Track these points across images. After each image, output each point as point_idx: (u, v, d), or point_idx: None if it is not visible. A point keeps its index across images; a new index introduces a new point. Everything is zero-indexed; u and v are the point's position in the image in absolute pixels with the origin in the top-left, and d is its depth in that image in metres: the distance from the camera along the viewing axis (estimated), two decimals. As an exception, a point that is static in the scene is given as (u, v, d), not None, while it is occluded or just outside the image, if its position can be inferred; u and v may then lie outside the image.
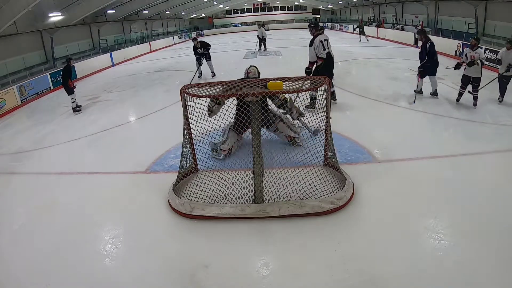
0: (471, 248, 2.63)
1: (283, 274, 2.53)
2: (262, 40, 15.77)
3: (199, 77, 9.93)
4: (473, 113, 5.66)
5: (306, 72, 6.18)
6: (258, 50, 15.90)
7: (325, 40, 5.95)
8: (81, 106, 7.69)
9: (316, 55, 5.97)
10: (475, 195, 3.32)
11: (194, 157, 3.92)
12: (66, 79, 7.39)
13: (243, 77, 4.53)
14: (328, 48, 5.98)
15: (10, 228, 3.38)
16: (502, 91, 6.24)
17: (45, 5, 11.44)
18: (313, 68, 6.13)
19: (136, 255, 2.83)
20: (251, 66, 4.58)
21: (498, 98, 6.28)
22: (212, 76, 10.00)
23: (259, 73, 4.58)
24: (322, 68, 5.98)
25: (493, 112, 5.74)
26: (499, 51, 6.60)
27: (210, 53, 10.13)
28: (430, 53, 6.35)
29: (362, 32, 18.11)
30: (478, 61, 5.84)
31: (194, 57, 9.94)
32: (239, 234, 2.95)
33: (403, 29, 17.89)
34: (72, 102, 7.49)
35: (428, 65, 6.43)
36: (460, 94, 6.24)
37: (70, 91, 7.41)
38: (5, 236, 3.24)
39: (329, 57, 6.00)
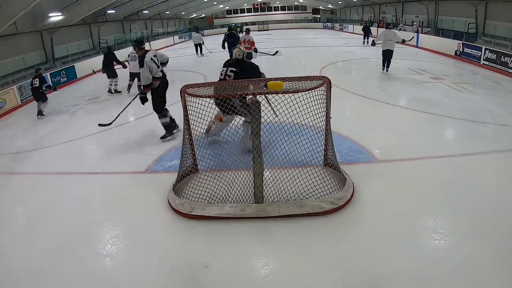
0: (471, 248, 2.63)
1: (283, 274, 2.53)
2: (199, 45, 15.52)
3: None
4: (473, 113, 5.66)
5: (142, 98, 5.02)
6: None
7: (154, 56, 4.91)
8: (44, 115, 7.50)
9: (152, 75, 4.82)
10: (475, 195, 3.32)
11: (194, 157, 3.92)
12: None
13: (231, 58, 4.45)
14: (160, 65, 4.98)
15: (10, 228, 3.38)
16: (388, 63, 9.06)
17: (45, 5, 11.43)
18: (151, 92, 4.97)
19: (136, 255, 2.83)
20: (236, 48, 4.46)
21: (386, 70, 9.09)
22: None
23: (244, 53, 4.35)
24: (162, 89, 4.97)
25: (493, 112, 5.74)
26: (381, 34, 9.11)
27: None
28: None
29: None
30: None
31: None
32: (239, 234, 2.95)
33: (403, 29, 17.88)
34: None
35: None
36: (384, 65, 9.18)
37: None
38: (5, 236, 3.24)
39: (164, 76, 5.01)
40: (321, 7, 34.53)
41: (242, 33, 11.05)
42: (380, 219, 3.04)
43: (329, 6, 31.58)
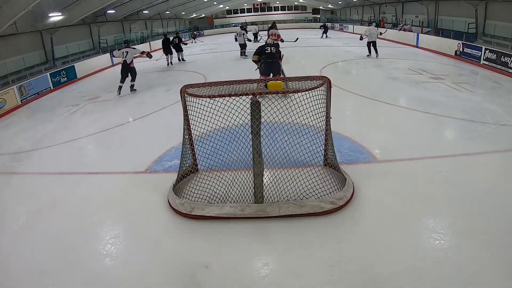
0: (471, 248, 2.63)
1: (283, 274, 2.53)
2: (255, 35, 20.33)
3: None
4: (473, 113, 5.66)
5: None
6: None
7: (126, 52, 8.46)
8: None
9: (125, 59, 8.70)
10: (475, 195, 3.32)
11: (194, 157, 3.92)
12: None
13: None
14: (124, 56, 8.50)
15: (10, 228, 3.38)
16: (375, 50, 11.78)
17: (45, 5, 11.43)
18: None
19: (136, 255, 2.83)
20: (269, 38, 6.24)
21: (376, 56, 11.76)
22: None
23: (273, 41, 7.18)
24: (121, 69, 8.70)
25: (493, 112, 5.74)
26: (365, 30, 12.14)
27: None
28: None
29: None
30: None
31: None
32: (239, 234, 2.96)
33: (402, 29, 17.88)
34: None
35: None
36: (370, 52, 11.93)
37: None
38: (5, 236, 3.24)
39: (123, 62, 8.48)
40: (321, 7, 34.52)
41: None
42: (380, 219, 3.04)
43: (329, 6, 31.57)
